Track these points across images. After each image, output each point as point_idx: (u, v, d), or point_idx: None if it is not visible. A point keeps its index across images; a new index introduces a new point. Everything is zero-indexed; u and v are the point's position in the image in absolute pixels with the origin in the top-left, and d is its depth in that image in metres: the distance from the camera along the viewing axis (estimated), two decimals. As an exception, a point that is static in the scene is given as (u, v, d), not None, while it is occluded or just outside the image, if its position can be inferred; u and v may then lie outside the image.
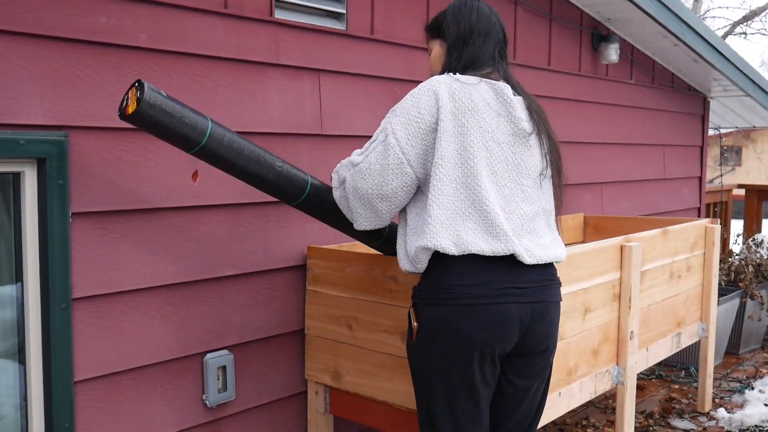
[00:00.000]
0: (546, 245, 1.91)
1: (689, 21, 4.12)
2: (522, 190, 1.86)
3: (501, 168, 1.83)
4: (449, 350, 1.81)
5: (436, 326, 1.82)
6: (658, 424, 3.61)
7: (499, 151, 1.82)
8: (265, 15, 2.50)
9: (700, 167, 5.50)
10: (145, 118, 1.79)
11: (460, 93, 1.81)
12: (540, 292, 1.88)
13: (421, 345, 1.86)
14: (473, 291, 1.79)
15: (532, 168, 1.88)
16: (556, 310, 1.96)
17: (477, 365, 1.82)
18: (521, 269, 1.84)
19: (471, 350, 1.80)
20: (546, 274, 1.91)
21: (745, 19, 17.55)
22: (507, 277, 1.82)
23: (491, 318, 1.79)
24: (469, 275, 1.79)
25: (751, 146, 19.98)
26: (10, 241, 2.05)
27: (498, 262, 1.82)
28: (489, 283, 1.80)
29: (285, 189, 2.05)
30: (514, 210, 1.84)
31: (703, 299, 3.60)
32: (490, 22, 1.92)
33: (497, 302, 1.80)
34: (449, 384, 1.84)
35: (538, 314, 1.87)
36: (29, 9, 1.94)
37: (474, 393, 1.85)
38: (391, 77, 2.95)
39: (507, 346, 1.84)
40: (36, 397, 2.05)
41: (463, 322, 1.79)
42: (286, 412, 2.66)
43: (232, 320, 2.46)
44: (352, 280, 2.47)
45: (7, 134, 1.91)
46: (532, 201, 1.88)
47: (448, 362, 1.82)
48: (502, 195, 1.83)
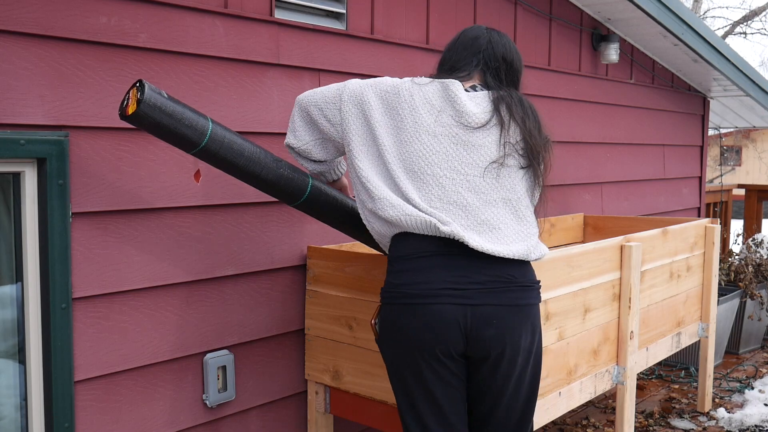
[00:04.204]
0: (506, 238, 1.86)
1: (689, 21, 4.12)
2: (466, 180, 1.87)
3: (436, 159, 1.88)
4: (397, 349, 1.91)
5: (385, 325, 1.93)
6: (658, 424, 3.61)
7: (434, 143, 1.89)
8: (265, 15, 2.50)
9: (700, 167, 5.50)
10: (146, 118, 1.79)
11: (402, 92, 1.96)
12: (485, 295, 1.83)
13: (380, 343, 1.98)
14: (412, 291, 1.84)
15: (479, 158, 1.88)
16: (513, 314, 1.85)
17: (424, 364, 1.85)
18: (466, 268, 1.83)
19: (413, 350, 1.85)
20: (504, 275, 1.85)
21: (745, 19, 17.56)
22: (447, 276, 1.82)
23: (427, 319, 1.82)
24: (408, 274, 1.86)
25: (751, 146, 19.98)
26: (10, 241, 2.05)
27: (439, 258, 1.84)
28: (427, 282, 1.83)
29: (285, 189, 2.05)
30: (450, 199, 1.86)
31: (703, 299, 3.60)
32: (474, 38, 2.08)
33: (432, 303, 1.82)
34: (404, 383, 1.92)
35: (480, 318, 1.82)
36: (29, 9, 1.94)
37: (428, 392, 1.87)
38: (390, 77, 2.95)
39: (450, 347, 1.83)
40: (36, 397, 2.05)
41: (403, 322, 1.86)
42: (286, 412, 2.66)
43: (232, 320, 2.46)
44: (352, 280, 2.47)
45: (7, 134, 1.91)
46: (481, 191, 1.87)
47: (398, 361, 1.92)
48: (427, 184, 1.88)
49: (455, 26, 3.25)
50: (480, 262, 1.83)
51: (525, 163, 1.92)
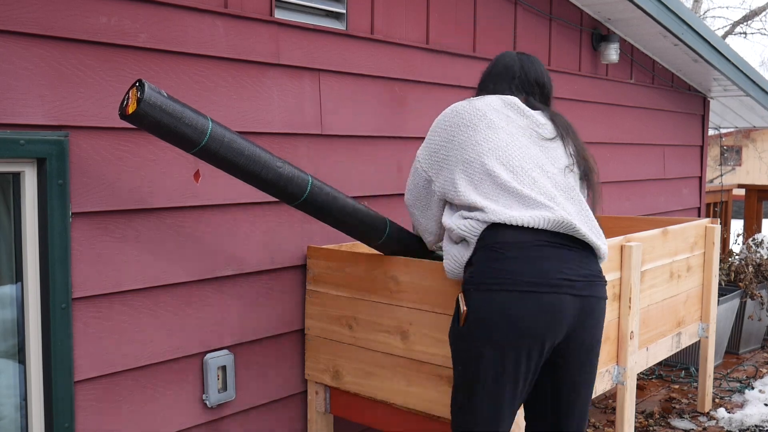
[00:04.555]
0: (597, 232, 1.99)
1: (689, 21, 4.12)
2: (549, 177, 1.99)
3: (519, 153, 1.98)
4: (496, 336, 1.85)
5: (486, 312, 1.86)
6: (658, 424, 3.61)
7: (511, 139, 1.99)
8: (265, 15, 2.50)
9: (700, 167, 5.50)
10: (146, 118, 1.79)
11: (464, 107, 2.08)
12: (589, 287, 1.92)
13: (469, 330, 1.89)
14: (530, 279, 1.83)
15: (556, 161, 2.03)
16: (602, 308, 1.98)
17: (524, 353, 1.85)
18: (573, 261, 1.90)
19: (518, 338, 1.84)
20: (595, 269, 1.96)
21: (745, 19, 17.55)
22: (561, 267, 1.87)
23: (546, 308, 1.84)
24: (521, 261, 1.85)
25: (751, 146, 19.98)
26: (10, 241, 2.05)
27: (549, 249, 1.88)
28: (545, 272, 1.85)
29: (285, 189, 2.05)
30: (544, 191, 1.94)
31: (703, 299, 3.60)
32: (506, 66, 2.22)
33: (552, 292, 1.84)
34: (496, 370, 1.86)
35: (584, 310, 1.91)
36: (29, 9, 1.94)
37: (503, 386, 1.87)
38: (391, 77, 2.96)
39: (555, 338, 1.88)
40: (36, 397, 2.05)
41: (517, 309, 1.83)
42: (286, 412, 2.66)
43: (232, 320, 2.46)
44: (352, 280, 2.47)
45: (7, 134, 1.91)
46: (564, 188, 1.99)
47: (488, 350, 1.86)
48: (521, 177, 1.95)
49: (455, 26, 3.25)
50: (580, 255, 1.92)
51: (581, 174, 2.09)
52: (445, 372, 2.22)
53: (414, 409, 2.33)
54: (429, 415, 2.30)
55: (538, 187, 1.93)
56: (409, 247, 2.36)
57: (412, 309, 2.29)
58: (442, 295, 2.21)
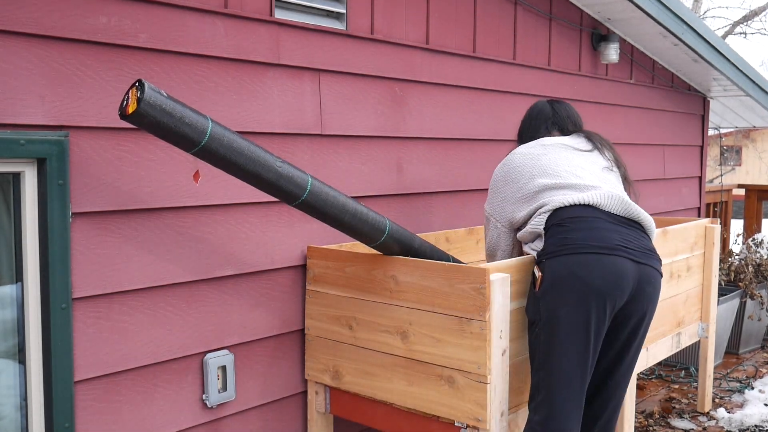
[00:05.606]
0: (645, 214, 2.31)
1: (689, 21, 4.12)
2: (593, 174, 2.36)
3: (565, 163, 2.38)
4: (568, 295, 2.10)
5: (558, 275, 2.12)
6: (658, 424, 3.61)
7: (559, 157, 2.40)
8: (265, 15, 2.50)
9: (700, 167, 5.50)
10: (146, 117, 1.79)
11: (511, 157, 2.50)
12: (647, 257, 2.20)
13: (543, 292, 2.15)
14: (594, 243, 2.12)
15: (596, 162, 2.43)
16: (658, 281, 2.24)
17: (593, 311, 2.08)
18: (629, 234, 2.19)
19: (587, 295, 2.08)
20: (650, 246, 2.25)
21: (745, 19, 17.56)
22: (617, 237, 2.16)
23: (609, 267, 2.10)
24: (584, 231, 2.15)
25: (751, 146, 19.99)
26: (10, 241, 2.05)
27: (604, 222, 2.18)
28: (604, 239, 2.13)
29: (285, 189, 2.05)
30: (595, 181, 2.33)
31: (703, 299, 3.60)
32: (540, 110, 2.65)
33: (612, 254, 2.11)
34: (570, 324, 2.09)
35: (644, 276, 2.17)
36: (29, 9, 1.94)
37: (581, 344, 2.10)
38: (391, 77, 2.96)
39: (618, 299, 2.12)
40: (36, 397, 2.05)
41: (584, 269, 2.09)
42: (286, 412, 2.66)
43: (232, 320, 2.46)
44: (352, 280, 2.47)
45: (7, 134, 1.91)
46: (609, 182, 2.37)
47: (561, 310, 2.10)
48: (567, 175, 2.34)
49: (455, 26, 3.25)
50: (636, 232, 2.23)
51: (621, 175, 2.48)
52: (445, 372, 2.22)
53: (414, 409, 2.33)
54: (429, 415, 2.30)
55: (583, 179, 2.31)
56: (408, 247, 2.36)
57: (412, 309, 2.29)
58: (442, 295, 2.21)
